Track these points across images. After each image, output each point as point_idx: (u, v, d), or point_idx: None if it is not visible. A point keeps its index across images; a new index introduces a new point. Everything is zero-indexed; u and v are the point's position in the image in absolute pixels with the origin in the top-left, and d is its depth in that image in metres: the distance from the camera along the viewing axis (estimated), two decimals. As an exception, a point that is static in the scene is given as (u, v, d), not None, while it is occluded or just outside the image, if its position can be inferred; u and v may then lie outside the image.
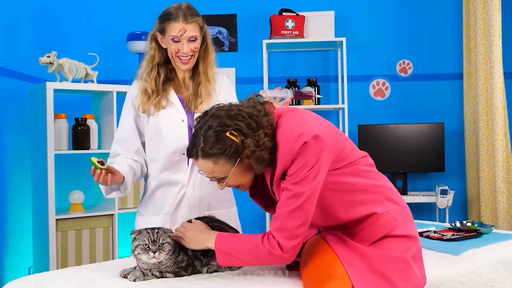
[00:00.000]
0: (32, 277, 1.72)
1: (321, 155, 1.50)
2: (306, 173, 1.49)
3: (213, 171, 1.57)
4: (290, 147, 1.50)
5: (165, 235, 1.66)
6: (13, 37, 3.46)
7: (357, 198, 1.58)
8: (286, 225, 1.50)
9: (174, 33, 2.04)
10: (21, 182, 3.51)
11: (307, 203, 1.50)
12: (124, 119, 2.19)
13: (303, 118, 1.57)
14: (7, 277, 3.25)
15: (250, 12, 4.26)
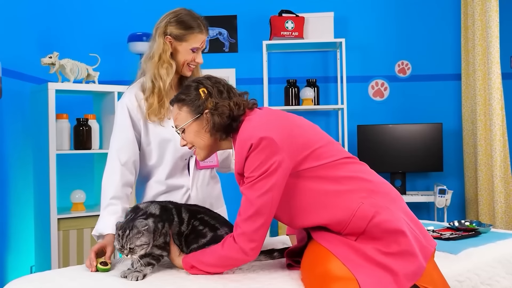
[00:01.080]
0: (34, 276, 1.73)
1: (273, 158, 1.53)
2: (258, 178, 1.54)
3: (177, 118, 1.71)
4: (240, 150, 1.58)
5: (134, 238, 1.59)
6: (15, 38, 3.46)
7: (328, 200, 1.58)
8: (245, 229, 1.56)
9: (197, 44, 2.06)
10: (23, 182, 3.51)
11: (263, 208, 1.55)
12: (121, 127, 2.11)
13: (259, 120, 1.63)
14: (9, 276, 3.26)
15: (250, 13, 4.26)
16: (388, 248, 1.52)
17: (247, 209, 1.56)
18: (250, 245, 1.56)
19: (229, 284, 1.56)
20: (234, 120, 1.66)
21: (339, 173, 1.60)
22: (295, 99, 4.09)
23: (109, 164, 2.12)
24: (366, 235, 1.54)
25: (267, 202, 1.55)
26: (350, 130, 4.14)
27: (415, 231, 1.58)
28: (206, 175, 2.19)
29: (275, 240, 2.16)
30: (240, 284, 1.56)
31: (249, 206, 1.56)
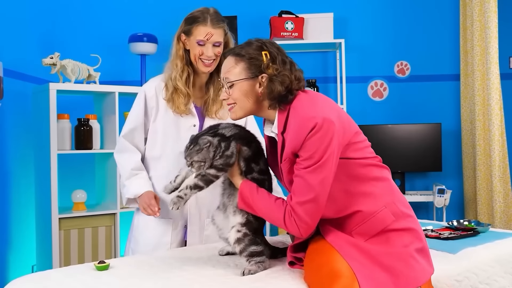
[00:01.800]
0: (35, 275, 1.73)
1: (333, 141, 1.50)
2: (321, 161, 1.50)
3: (229, 70, 1.65)
4: (300, 128, 1.52)
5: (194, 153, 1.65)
6: (17, 39, 3.46)
7: (357, 190, 1.58)
8: (302, 214, 1.53)
9: (200, 36, 2.06)
10: (25, 182, 3.51)
11: (322, 193, 1.52)
12: (135, 112, 2.19)
13: (316, 101, 1.59)
14: (11, 275, 3.26)
15: (250, 14, 4.26)
16: (397, 254, 1.53)
17: (306, 193, 1.52)
18: (306, 230, 1.55)
19: (230, 282, 1.56)
20: (291, 93, 1.61)
21: (370, 174, 1.60)
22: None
23: (121, 144, 2.21)
24: (377, 238, 1.56)
25: (327, 187, 1.53)
26: (350, 130, 4.13)
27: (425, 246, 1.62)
28: None
29: (275, 239, 2.16)
30: (241, 283, 1.56)
31: (308, 190, 1.52)
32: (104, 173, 3.62)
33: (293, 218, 1.54)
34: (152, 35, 3.91)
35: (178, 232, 2.16)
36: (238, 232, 1.69)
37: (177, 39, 2.13)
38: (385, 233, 1.56)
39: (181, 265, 1.75)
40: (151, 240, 2.16)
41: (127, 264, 1.79)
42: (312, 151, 1.50)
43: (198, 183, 1.66)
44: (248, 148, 1.70)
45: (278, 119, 1.62)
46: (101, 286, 1.56)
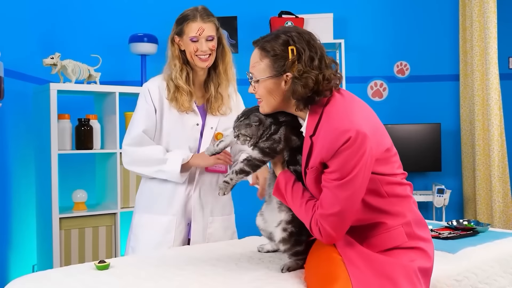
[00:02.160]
0: (36, 274, 1.72)
1: (364, 156, 1.44)
2: (350, 176, 1.44)
3: (254, 66, 1.58)
4: (332, 139, 1.44)
5: (243, 125, 1.62)
6: (17, 39, 3.46)
7: (377, 205, 1.54)
8: (326, 226, 1.49)
9: (192, 33, 2.08)
10: (25, 181, 3.51)
11: (349, 208, 1.47)
12: (145, 112, 2.16)
13: (352, 109, 1.51)
14: (12, 274, 3.26)
15: (250, 14, 4.26)
16: (401, 266, 1.50)
17: (331, 206, 1.47)
18: (329, 240, 1.52)
19: (230, 282, 1.56)
20: (318, 94, 1.51)
21: (393, 191, 1.55)
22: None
23: (138, 140, 2.14)
24: (385, 251, 1.53)
25: (354, 202, 1.47)
26: (349, 130, 4.13)
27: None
28: (214, 180, 2.19)
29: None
30: (241, 282, 1.56)
31: (334, 204, 1.46)
32: (105, 173, 3.62)
33: (318, 227, 1.50)
34: (152, 35, 3.90)
35: (182, 229, 2.16)
36: (284, 231, 1.65)
37: (171, 41, 2.16)
38: (396, 250, 1.53)
39: (182, 265, 1.75)
40: (154, 238, 2.15)
41: (127, 263, 1.79)
42: (342, 165, 1.44)
43: (244, 168, 1.63)
44: (297, 138, 1.62)
45: (308, 121, 1.54)
46: (102, 285, 1.56)
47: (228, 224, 2.27)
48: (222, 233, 2.24)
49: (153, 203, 2.17)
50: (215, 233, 2.20)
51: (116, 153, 3.45)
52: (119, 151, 3.46)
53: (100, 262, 1.72)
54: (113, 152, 3.47)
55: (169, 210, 2.14)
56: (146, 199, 2.21)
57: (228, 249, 1.99)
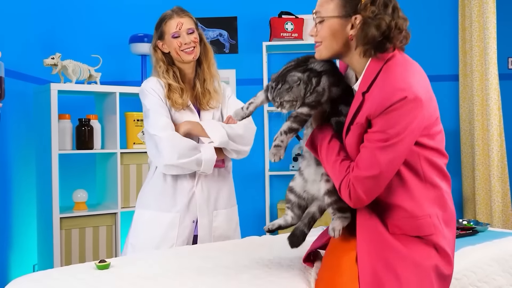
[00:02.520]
0: (36, 274, 1.73)
1: (415, 121, 1.37)
2: (396, 139, 1.37)
3: (322, 4, 1.50)
4: (385, 96, 1.37)
5: (284, 92, 1.49)
6: (18, 40, 3.46)
7: (412, 183, 1.46)
8: (360, 189, 1.41)
9: (173, 29, 2.16)
10: (26, 181, 3.52)
11: (388, 172, 1.40)
12: (163, 105, 2.16)
13: (413, 70, 1.44)
14: (12, 274, 3.26)
15: (250, 15, 4.26)
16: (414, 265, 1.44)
17: (370, 168, 1.40)
18: (357, 204, 1.45)
19: (230, 281, 1.56)
20: (389, 41, 1.44)
21: (429, 174, 1.48)
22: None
23: (171, 131, 2.13)
24: (406, 238, 1.46)
25: (394, 168, 1.41)
26: (349, 130, 4.13)
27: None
28: (215, 175, 2.21)
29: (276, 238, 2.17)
30: (241, 282, 1.56)
31: (373, 167, 1.39)
32: (105, 173, 3.62)
33: (349, 190, 1.43)
34: (152, 35, 3.90)
35: (186, 227, 2.17)
36: (327, 182, 1.54)
37: (153, 49, 2.24)
38: (416, 241, 1.46)
39: (182, 264, 1.76)
40: (156, 235, 2.15)
41: (127, 263, 1.79)
42: (390, 126, 1.37)
43: (292, 126, 1.52)
44: (337, 88, 1.54)
45: (367, 70, 1.47)
46: (102, 285, 1.56)
47: (231, 216, 2.30)
48: (227, 225, 2.26)
49: (156, 200, 2.18)
50: (220, 226, 2.23)
51: (117, 153, 3.45)
52: (120, 151, 3.46)
53: (101, 261, 1.72)
54: (113, 152, 3.47)
55: (173, 208, 2.15)
56: (149, 196, 2.21)
57: (228, 248, 1.99)
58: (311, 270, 1.65)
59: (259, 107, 1.62)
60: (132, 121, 3.59)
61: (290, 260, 1.79)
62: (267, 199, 4.04)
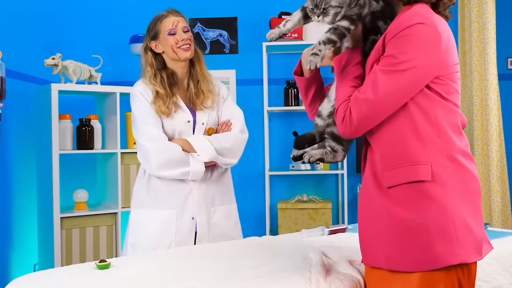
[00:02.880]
0: (37, 273, 1.72)
1: (429, 53, 1.32)
2: (401, 64, 1.32)
3: None
4: (404, 18, 1.34)
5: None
6: (19, 40, 3.46)
7: (419, 128, 1.37)
8: (352, 109, 1.37)
9: (169, 26, 2.17)
10: (27, 181, 3.52)
11: (387, 102, 1.34)
12: (151, 113, 2.17)
13: (435, 18, 1.37)
14: (13, 273, 3.26)
15: (250, 15, 4.26)
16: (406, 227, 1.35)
17: (369, 90, 1.35)
18: (347, 129, 1.40)
19: (231, 280, 1.56)
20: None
21: (443, 120, 1.37)
22: (295, 99, 4.09)
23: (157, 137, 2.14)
24: (398, 190, 1.38)
25: (394, 99, 1.34)
26: (349, 130, 4.13)
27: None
28: (209, 173, 2.22)
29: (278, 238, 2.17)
30: (242, 282, 1.56)
31: (373, 89, 1.34)
32: (105, 173, 3.62)
33: (344, 111, 1.39)
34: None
35: (184, 222, 2.16)
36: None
37: (144, 50, 2.24)
38: (410, 191, 1.36)
39: (182, 264, 1.75)
40: (154, 233, 2.15)
41: (128, 263, 1.79)
42: (401, 50, 1.32)
43: (331, 37, 1.44)
44: (377, 3, 1.47)
45: (398, 13, 1.44)
46: (102, 285, 1.56)
47: (230, 213, 2.29)
48: (225, 222, 2.26)
49: (152, 199, 2.18)
50: (218, 223, 2.23)
51: (117, 153, 3.46)
52: (120, 151, 3.46)
53: (101, 261, 1.72)
54: (114, 152, 3.47)
55: (169, 204, 2.15)
56: (143, 194, 2.21)
57: (228, 248, 1.99)
58: (311, 269, 1.65)
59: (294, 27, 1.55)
60: (133, 121, 3.58)
61: (290, 259, 1.78)
62: (267, 199, 4.04)
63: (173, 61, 2.22)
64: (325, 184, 4.29)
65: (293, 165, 4.06)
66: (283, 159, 4.22)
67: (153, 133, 2.13)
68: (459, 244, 1.35)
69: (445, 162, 1.37)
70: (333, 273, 1.63)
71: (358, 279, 1.61)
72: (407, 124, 1.38)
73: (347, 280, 1.60)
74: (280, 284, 1.53)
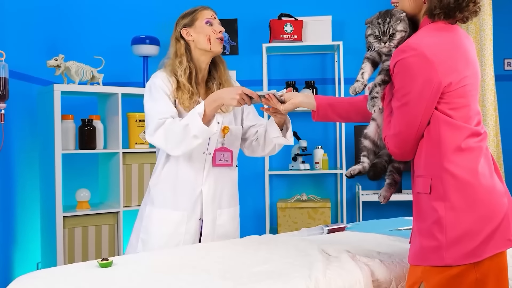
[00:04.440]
0: (40, 272, 1.72)
1: (418, 80, 1.42)
2: (403, 98, 1.45)
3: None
4: (396, 52, 1.48)
5: (395, 24, 1.55)
6: (22, 42, 3.46)
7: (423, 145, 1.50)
8: (388, 144, 1.54)
9: (207, 16, 2.13)
10: (30, 181, 3.52)
11: (406, 132, 1.48)
12: (163, 100, 2.07)
13: (433, 34, 1.47)
14: (16, 272, 3.26)
15: (250, 17, 4.26)
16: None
17: (394, 126, 1.51)
18: (394, 156, 1.57)
19: (231, 278, 1.56)
20: (460, 10, 1.47)
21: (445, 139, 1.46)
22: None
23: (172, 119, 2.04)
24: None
25: (414, 127, 1.47)
26: (348, 131, 4.14)
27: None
28: (221, 173, 2.20)
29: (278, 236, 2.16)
30: (243, 282, 1.56)
31: (395, 124, 1.50)
32: (107, 173, 3.62)
33: (387, 145, 1.56)
34: (154, 37, 3.91)
35: (192, 224, 2.16)
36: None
37: (176, 39, 2.16)
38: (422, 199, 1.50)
39: (183, 262, 1.75)
40: (165, 232, 2.15)
41: (130, 261, 1.79)
42: (401, 85, 1.46)
43: (384, 79, 1.58)
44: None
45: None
46: (104, 283, 1.56)
47: (234, 215, 2.28)
48: (230, 224, 2.25)
49: (165, 198, 2.17)
50: (223, 224, 2.21)
51: (119, 153, 3.46)
52: (122, 151, 3.46)
53: (103, 260, 1.72)
54: (115, 152, 3.47)
55: (180, 205, 2.14)
56: (157, 193, 2.20)
57: (228, 247, 1.99)
58: (310, 267, 1.65)
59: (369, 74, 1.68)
60: (134, 121, 3.59)
61: (290, 257, 1.78)
62: (267, 198, 4.04)
63: (200, 53, 2.14)
64: (324, 183, 4.29)
65: (293, 165, 4.06)
66: (282, 159, 4.22)
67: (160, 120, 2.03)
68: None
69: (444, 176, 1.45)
70: (332, 270, 1.63)
71: (358, 275, 1.61)
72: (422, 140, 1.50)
73: (346, 276, 1.60)
74: (279, 282, 1.53)
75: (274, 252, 1.87)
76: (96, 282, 1.56)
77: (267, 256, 1.82)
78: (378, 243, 2.03)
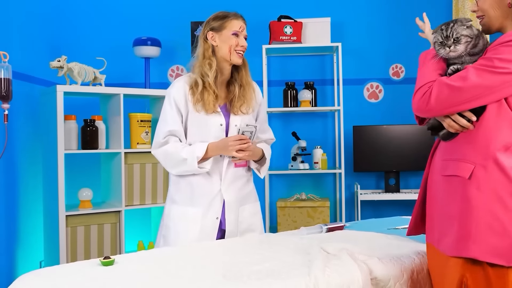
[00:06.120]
0: (43, 270, 1.72)
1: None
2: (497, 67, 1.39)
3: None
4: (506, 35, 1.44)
5: (460, 28, 1.52)
6: (25, 43, 3.46)
7: (482, 129, 1.45)
8: (434, 90, 1.45)
9: (236, 28, 2.14)
10: (33, 180, 3.52)
11: (468, 92, 1.40)
12: (169, 116, 2.15)
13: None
14: (20, 270, 3.26)
15: (250, 18, 4.21)
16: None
17: (458, 79, 1.42)
18: (421, 108, 1.48)
19: (232, 278, 1.56)
20: None
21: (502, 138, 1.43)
22: (294, 101, 4.09)
23: (163, 140, 2.16)
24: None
25: (478, 94, 1.39)
26: (346, 131, 4.14)
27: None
28: (238, 173, 2.22)
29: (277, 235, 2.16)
30: (243, 282, 1.56)
31: (462, 79, 1.41)
32: (110, 172, 3.62)
33: (428, 90, 1.46)
34: (155, 39, 3.91)
35: (208, 221, 2.17)
36: None
37: (203, 39, 2.17)
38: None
39: (184, 262, 1.75)
40: (182, 228, 2.17)
41: (131, 260, 1.79)
42: (498, 55, 1.40)
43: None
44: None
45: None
46: (106, 281, 1.56)
47: (255, 210, 2.31)
48: (253, 219, 2.28)
49: (182, 195, 2.19)
50: (245, 220, 2.24)
51: (121, 153, 3.46)
52: (124, 151, 3.46)
53: (105, 258, 1.72)
54: (117, 152, 3.47)
55: (196, 202, 2.16)
56: (175, 191, 2.23)
57: (228, 246, 1.99)
58: (310, 265, 1.65)
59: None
60: (136, 121, 3.58)
61: (289, 256, 1.78)
62: (267, 197, 4.04)
63: (221, 59, 2.17)
64: (323, 183, 4.29)
65: (292, 165, 4.06)
66: (282, 159, 4.22)
67: (167, 139, 2.15)
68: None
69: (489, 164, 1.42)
70: (331, 268, 1.63)
71: (357, 273, 1.61)
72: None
73: (345, 274, 1.60)
74: (279, 280, 1.53)
75: (273, 251, 1.87)
76: (98, 280, 1.56)
77: (267, 255, 1.82)
78: (376, 242, 2.03)
